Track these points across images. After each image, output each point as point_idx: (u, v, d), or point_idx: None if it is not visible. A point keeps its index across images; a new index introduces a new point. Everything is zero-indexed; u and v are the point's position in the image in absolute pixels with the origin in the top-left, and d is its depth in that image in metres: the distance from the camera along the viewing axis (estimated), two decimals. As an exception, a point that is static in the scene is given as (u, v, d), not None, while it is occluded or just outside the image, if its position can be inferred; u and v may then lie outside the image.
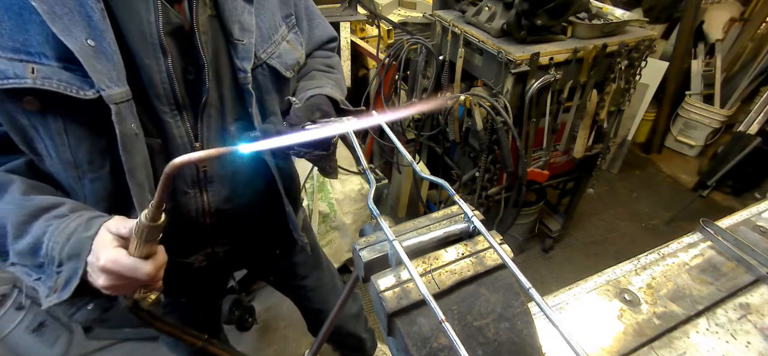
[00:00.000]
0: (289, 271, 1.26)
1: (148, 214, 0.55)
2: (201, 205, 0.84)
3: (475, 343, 0.42)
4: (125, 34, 0.64)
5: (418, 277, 0.40)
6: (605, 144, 2.13)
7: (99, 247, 0.60)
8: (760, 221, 1.06)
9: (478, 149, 1.88)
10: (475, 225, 0.49)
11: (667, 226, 2.93)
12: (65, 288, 0.62)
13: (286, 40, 0.87)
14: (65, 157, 0.65)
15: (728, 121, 3.38)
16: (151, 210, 0.55)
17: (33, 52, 0.57)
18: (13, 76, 0.56)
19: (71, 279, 0.62)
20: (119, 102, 0.62)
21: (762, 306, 0.85)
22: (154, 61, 0.66)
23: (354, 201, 2.19)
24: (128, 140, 0.65)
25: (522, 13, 1.61)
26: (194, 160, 0.46)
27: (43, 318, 1.92)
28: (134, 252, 0.59)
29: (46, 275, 0.63)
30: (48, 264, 0.63)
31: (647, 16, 2.41)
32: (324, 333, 0.90)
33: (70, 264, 0.61)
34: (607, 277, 0.91)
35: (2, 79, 0.56)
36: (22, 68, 0.56)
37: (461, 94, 1.80)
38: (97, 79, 0.59)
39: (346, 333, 1.51)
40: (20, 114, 0.60)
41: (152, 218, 0.56)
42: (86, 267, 0.61)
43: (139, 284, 0.62)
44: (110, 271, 0.58)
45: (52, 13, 0.55)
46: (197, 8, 0.69)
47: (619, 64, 1.82)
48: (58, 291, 0.62)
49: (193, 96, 0.74)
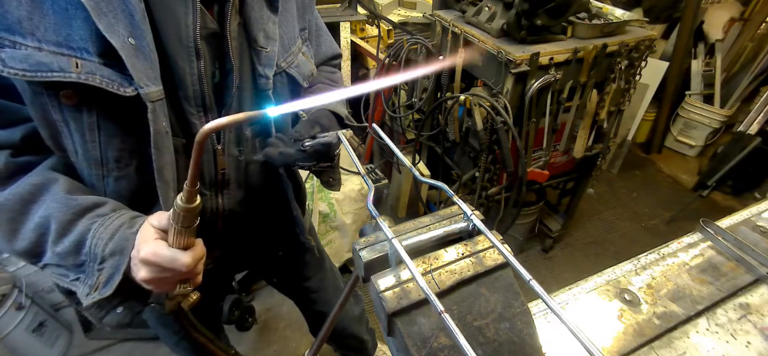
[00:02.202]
0: (294, 273, 1.27)
1: (183, 197, 0.56)
2: (216, 208, 0.86)
3: (475, 343, 0.42)
4: (162, 34, 0.65)
5: (418, 273, 0.40)
6: (605, 144, 2.13)
7: (141, 241, 0.61)
8: (760, 221, 1.06)
9: (478, 149, 1.88)
10: (475, 225, 0.49)
11: (667, 226, 2.93)
12: (107, 285, 0.63)
13: (302, 52, 0.91)
14: (93, 154, 0.66)
15: (728, 121, 3.38)
16: (185, 191, 0.55)
17: (75, 47, 0.58)
18: (58, 69, 0.57)
19: (113, 275, 0.63)
20: (154, 100, 0.64)
21: (762, 306, 0.85)
22: (187, 63, 0.68)
23: (354, 201, 2.19)
24: (160, 138, 0.66)
25: (522, 13, 1.61)
26: (224, 125, 0.47)
27: (43, 318, 1.92)
28: (173, 242, 0.60)
29: (86, 274, 0.64)
30: (89, 262, 0.63)
31: (647, 16, 2.41)
32: (324, 333, 0.90)
33: (113, 260, 0.63)
34: (607, 277, 0.91)
35: (46, 71, 0.56)
36: (66, 62, 0.57)
37: (461, 94, 1.80)
38: (137, 77, 0.61)
39: (349, 335, 1.51)
40: (54, 108, 0.61)
41: (188, 199, 0.56)
42: (129, 262, 0.62)
43: (178, 277, 0.63)
44: (150, 263, 0.60)
45: (99, 10, 0.57)
46: (230, 14, 0.72)
47: (619, 64, 1.82)
48: (100, 288, 0.63)
49: (218, 98, 0.77)
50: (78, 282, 0.65)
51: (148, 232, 0.62)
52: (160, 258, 0.60)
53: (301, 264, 1.26)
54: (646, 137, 3.68)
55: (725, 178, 2.99)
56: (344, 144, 0.67)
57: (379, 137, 0.66)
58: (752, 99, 3.20)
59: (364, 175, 0.60)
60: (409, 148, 2.28)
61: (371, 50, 2.31)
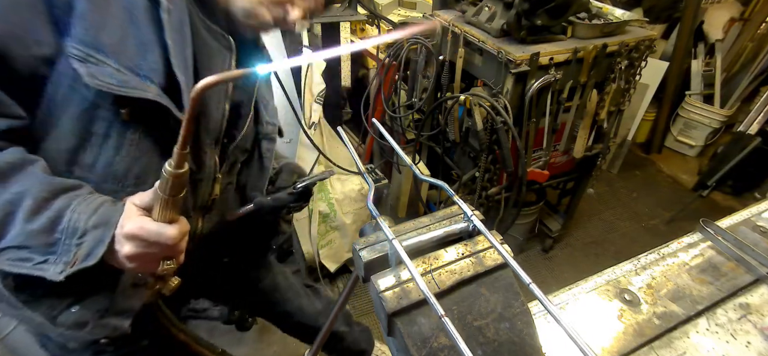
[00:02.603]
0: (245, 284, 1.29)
1: (172, 162, 0.57)
2: (195, 230, 0.90)
3: (475, 343, 0.42)
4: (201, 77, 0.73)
5: (418, 274, 0.40)
6: (605, 144, 2.12)
7: (124, 218, 0.63)
8: (760, 221, 1.06)
9: (478, 149, 1.88)
10: (474, 225, 0.49)
11: (667, 226, 2.93)
12: (89, 257, 0.63)
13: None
14: (118, 168, 0.71)
15: (728, 121, 3.38)
16: (176, 155, 0.56)
17: (141, 74, 0.67)
18: (140, 87, 0.65)
19: (96, 247, 0.63)
20: None
21: (762, 306, 0.85)
22: (216, 102, 0.82)
23: (354, 201, 2.19)
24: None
25: (522, 13, 1.61)
26: (222, 80, 0.52)
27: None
28: (158, 216, 0.62)
29: (60, 251, 0.63)
30: (65, 239, 0.63)
31: (647, 16, 2.41)
32: (324, 333, 0.90)
33: (97, 232, 0.63)
34: (607, 277, 0.91)
35: (130, 88, 0.64)
36: (140, 82, 0.66)
37: (461, 94, 1.80)
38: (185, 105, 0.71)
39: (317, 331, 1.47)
40: (104, 121, 0.67)
41: (177, 164, 0.57)
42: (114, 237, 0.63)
43: (163, 252, 0.65)
44: (136, 237, 0.61)
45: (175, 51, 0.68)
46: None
47: (619, 64, 1.82)
48: (79, 262, 0.62)
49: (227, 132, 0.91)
50: (46, 264, 0.63)
51: (131, 209, 0.64)
52: (146, 232, 0.61)
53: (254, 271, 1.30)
54: (646, 137, 3.68)
55: (725, 177, 2.99)
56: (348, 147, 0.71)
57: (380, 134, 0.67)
58: (752, 99, 3.20)
59: (364, 174, 0.60)
60: (409, 148, 2.28)
61: (371, 50, 2.31)
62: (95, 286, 0.74)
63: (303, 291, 1.45)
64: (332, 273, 2.27)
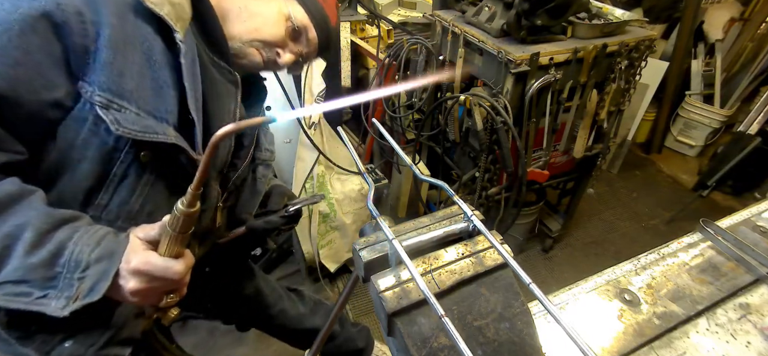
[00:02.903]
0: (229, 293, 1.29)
1: (185, 201, 0.57)
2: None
3: (475, 343, 0.42)
4: (210, 116, 0.81)
5: (418, 274, 0.40)
6: (605, 144, 2.12)
7: (130, 252, 0.62)
8: (760, 221, 1.06)
9: (478, 149, 1.88)
10: (474, 225, 0.49)
11: (667, 226, 2.93)
12: (92, 292, 0.60)
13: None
14: (132, 207, 0.72)
15: (728, 121, 3.37)
16: (189, 195, 0.56)
17: (158, 117, 0.69)
18: (160, 131, 0.68)
19: (99, 282, 0.60)
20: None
21: (762, 306, 0.85)
22: (225, 140, 0.83)
23: (354, 201, 2.19)
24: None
25: (522, 13, 1.61)
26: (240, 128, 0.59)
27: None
28: (164, 252, 0.61)
29: (61, 286, 0.60)
30: (67, 273, 0.60)
31: (647, 16, 2.41)
32: (324, 333, 0.90)
33: (100, 266, 0.60)
34: (607, 277, 0.91)
35: (152, 133, 0.67)
36: (159, 124, 0.68)
37: (461, 94, 1.80)
38: (198, 145, 0.76)
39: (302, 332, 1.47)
40: (123, 163, 0.68)
41: (189, 204, 0.57)
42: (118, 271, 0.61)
43: (168, 286, 0.64)
44: (142, 272, 0.61)
45: (191, 95, 0.72)
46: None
47: (619, 64, 1.82)
48: (81, 297, 0.59)
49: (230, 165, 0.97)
50: (46, 299, 0.59)
51: (136, 243, 0.63)
52: (153, 268, 0.61)
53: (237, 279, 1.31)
54: (646, 137, 3.68)
55: (725, 177, 2.99)
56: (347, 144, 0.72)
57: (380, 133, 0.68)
58: (752, 99, 3.20)
59: (364, 174, 0.60)
60: (409, 148, 2.28)
61: (371, 50, 2.31)
62: (89, 320, 0.70)
63: (285, 294, 1.45)
64: (332, 273, 2.27)
